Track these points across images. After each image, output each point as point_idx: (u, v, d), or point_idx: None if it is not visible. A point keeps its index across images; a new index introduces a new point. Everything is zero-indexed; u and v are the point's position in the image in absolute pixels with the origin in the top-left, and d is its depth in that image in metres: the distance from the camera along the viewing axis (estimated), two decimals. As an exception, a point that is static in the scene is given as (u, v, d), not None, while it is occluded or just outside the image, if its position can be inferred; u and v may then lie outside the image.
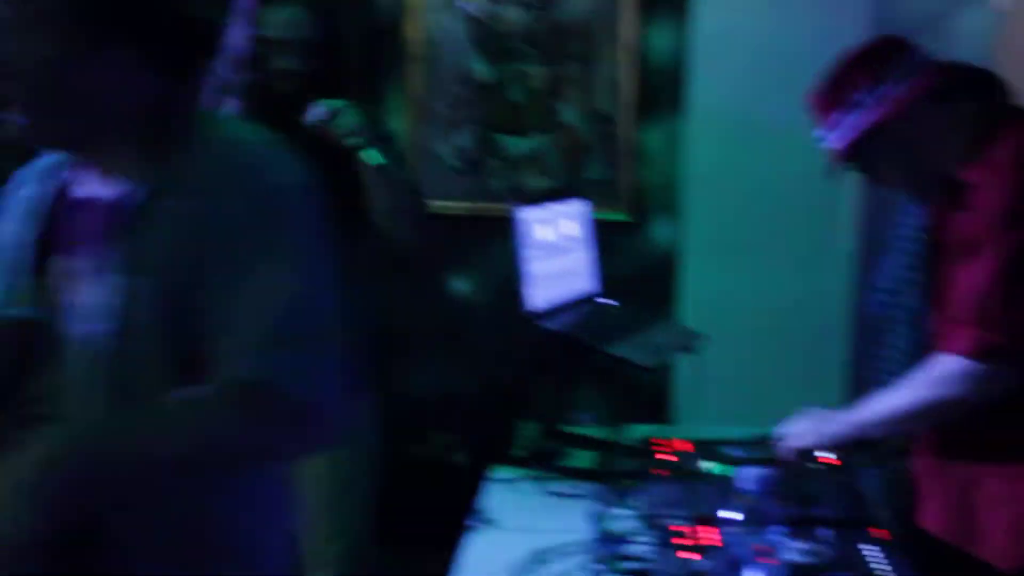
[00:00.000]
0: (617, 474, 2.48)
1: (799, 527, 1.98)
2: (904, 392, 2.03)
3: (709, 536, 1.95)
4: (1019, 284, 1.91)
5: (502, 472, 2.56)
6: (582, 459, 2.63)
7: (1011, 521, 2.03)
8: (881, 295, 2.75)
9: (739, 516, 1.50)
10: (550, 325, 2.45)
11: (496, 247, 4.19)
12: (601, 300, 2.81)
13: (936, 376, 1.97)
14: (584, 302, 2.73)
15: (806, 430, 2.20)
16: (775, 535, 1.48)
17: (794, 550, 1.82)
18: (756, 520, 1.49)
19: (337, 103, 2.61)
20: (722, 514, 1.51)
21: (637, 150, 4.16)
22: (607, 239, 4.26)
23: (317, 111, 2.60)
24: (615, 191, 4.20)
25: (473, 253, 4.35)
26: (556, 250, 2.62)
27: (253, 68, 2.69)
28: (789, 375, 3.82)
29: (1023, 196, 1.93)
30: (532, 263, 2.50)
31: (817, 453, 2.27)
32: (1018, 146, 2.01)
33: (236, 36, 2.68)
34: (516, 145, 4.32)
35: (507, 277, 2.54)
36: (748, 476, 1.50)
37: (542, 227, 2.57)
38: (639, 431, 2.74)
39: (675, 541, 1.90)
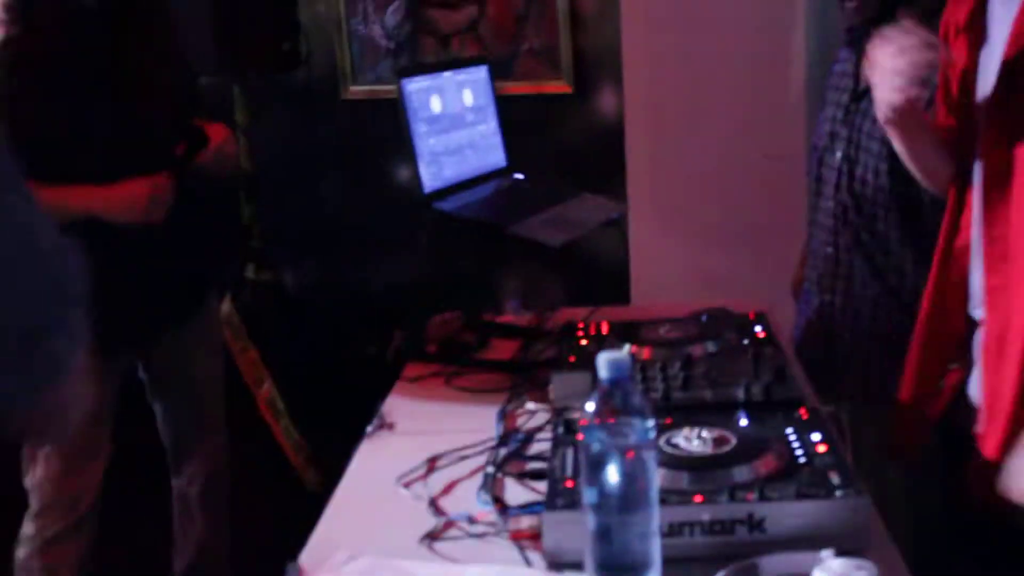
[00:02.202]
0: (532, 364, 2.28)
1: (710, 411, 1.78)
2: None
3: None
4: None
5: (414, 369, 2.35)
6: (502, 351, 2.42)
7: None
8: (815, 152, 2.53)
9: (591, 407, 1.28)
10: (446, 207, 2.22)
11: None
12: (514, 176, 2.56)
13: None
14: (492, 178, 2.49)
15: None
16: (639, 426, 1.27)
17: (683, 438, 1.61)
18: (612, 412, 1.27)
19: None
20: (586, 407, 1.29)
21: (574, 15, 3.88)
22: (550, 113, 4.03)
23: None
24: (555, 60, 3.94)
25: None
26: (454, 123, 2.37)
27: None
28: (747, 244, 3.60)
29: None
30: (425, 139, 2.26)
31: None
32: None
33: None
34: (447, 19, 4.05)
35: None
36: (605, 362, 1.28)
37: (435, 99, 2.32)
38: (567, 315, 2.53)
39: (579, 437, 1.69)
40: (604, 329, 2.25)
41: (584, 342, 2.19)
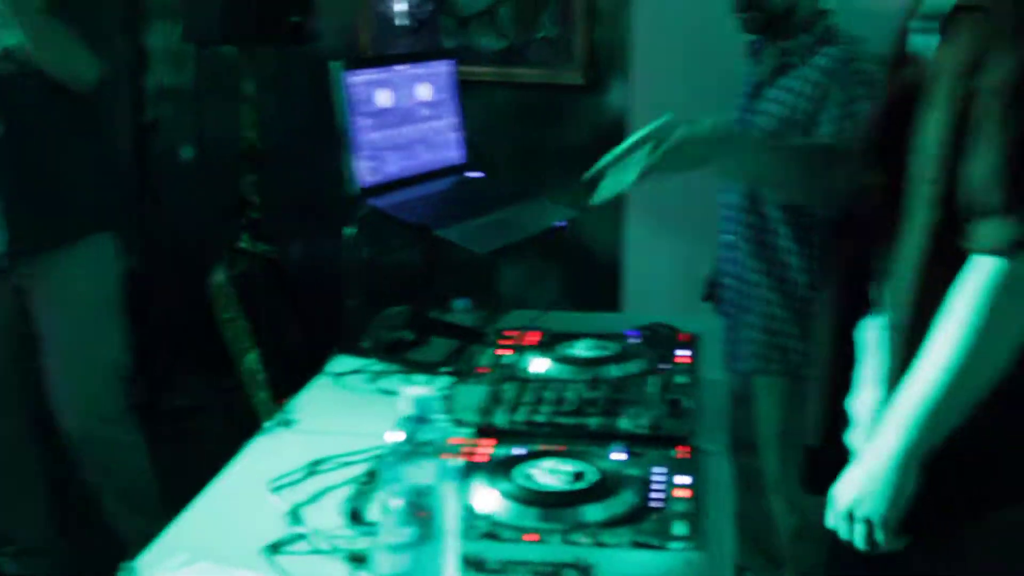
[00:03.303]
0: (459, 370, 2.23)
1: (593, 440, 1.73)
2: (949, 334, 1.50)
3: (483, 451, 1.71)
4: None
5: (340, 363, 2.32)
6: (439, 352, 2.37)
7: None
8: None
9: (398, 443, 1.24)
10: (380, 203, 2.17)
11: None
12: (468, 174, 2.50)
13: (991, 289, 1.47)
14: (445, 175, 2.43)
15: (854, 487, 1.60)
16: (434, 466, 1.23)
17: (541, 470, 1.56)
18: (412, 449, 1.23)
19: None
20: (388, 436, 1.25)
21: (592, 8, 3.81)
22: (563, 104, 3.96)
23: None
24: (569, 51, 3.86)
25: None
26: (403, 118, 2.32)
27: None
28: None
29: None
30: (366, 133, 2.22)
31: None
32: None
33: None
34: (469, 3, 3.99)
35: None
36: (409, 400, 1.24)
37: (382, 92, 2.27)
38: (511, 320, 2.47)
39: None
40: (533, 339, 2.20)
41: (507, 351, 2.14)
